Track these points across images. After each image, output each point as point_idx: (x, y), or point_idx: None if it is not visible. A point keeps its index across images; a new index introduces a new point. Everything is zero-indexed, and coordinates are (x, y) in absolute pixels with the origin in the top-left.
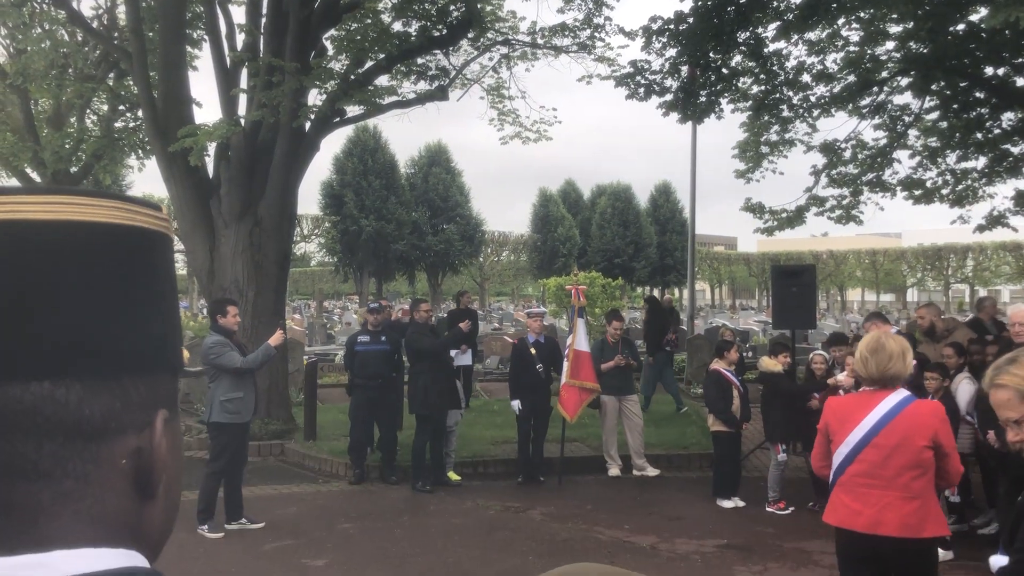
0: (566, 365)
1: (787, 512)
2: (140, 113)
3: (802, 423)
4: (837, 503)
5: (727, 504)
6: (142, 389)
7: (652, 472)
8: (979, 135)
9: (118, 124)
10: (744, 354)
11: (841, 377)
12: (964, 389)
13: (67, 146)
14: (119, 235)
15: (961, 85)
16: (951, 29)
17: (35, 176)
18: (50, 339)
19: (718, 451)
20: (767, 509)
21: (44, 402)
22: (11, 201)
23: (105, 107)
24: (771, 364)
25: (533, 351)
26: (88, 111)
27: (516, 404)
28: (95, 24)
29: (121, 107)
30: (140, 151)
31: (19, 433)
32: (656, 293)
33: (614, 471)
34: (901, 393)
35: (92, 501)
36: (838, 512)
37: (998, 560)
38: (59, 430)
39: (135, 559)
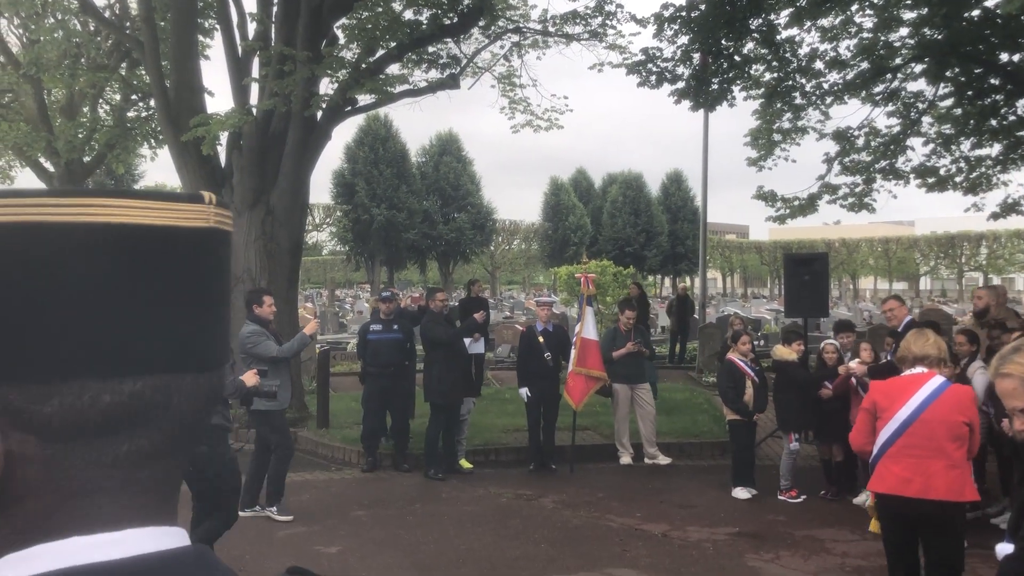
0: (573, 353)
1: (799, 500)
2: (152, 102)
3: (815, 412)
4: (885, 473)
5: (742, 494)
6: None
7: (664, 460)
8: (994, 122)
9: (131, 113)
10: (756, 343)
11: (853, 364)
12: (979, 379)
13: (80, 135)
14: (221, 239)
15: (976, 71)
16: (966, 15)
17: (48, 166)
18: (223, 332)
19: (734, 440)
20: (779, 497)
21: (220, 383)
22: (169, 207)
23: (118, 96)
24: (784, 352)
25: (541, 339)
26: (101, 100)
27: (524, 391)
28: (107, 13)
29: (133, 96)
30: (153, 140)
31: (212, 409)
32: (668, 282)
33: (626, 459)
34: (940, 377)
35: (162, 478)
36: (887, 481)
37: (1004, 548)
38: (216, 407)
39: (185, 538)
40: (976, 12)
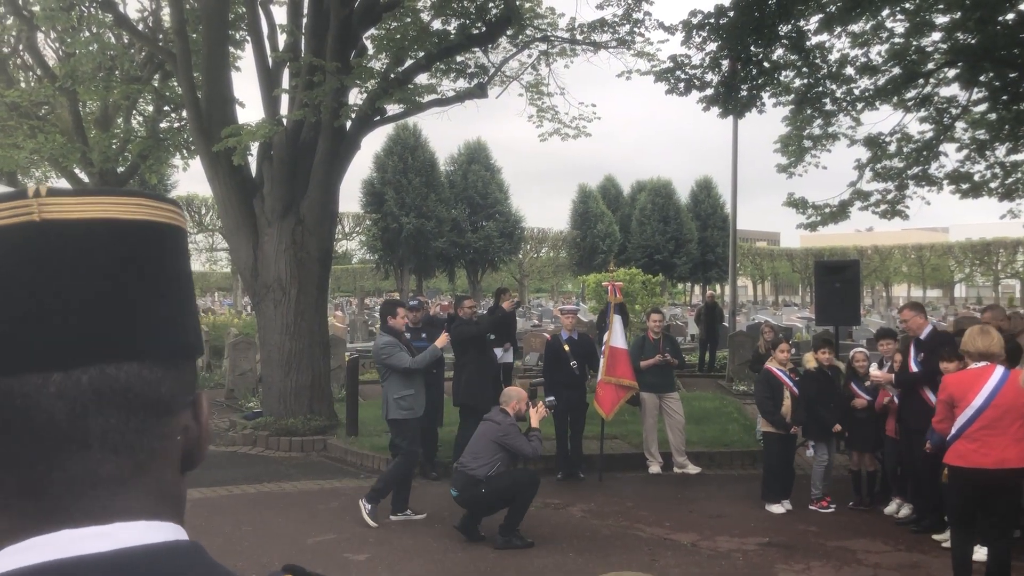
0: (602, 362)
1: (830, 510)
2: (184, 114)
3: (845, 421)
4: (964, 450)
5: (776, 509)
6: (189, 372)
7: (693, 470)
8: None
9: (163, 124)
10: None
11: (879, 373)
12: None
13: (114, 146)
14: (177, 235)
15: (1011, 76)
16: (1000, 19)
17: (83, 176)
18: (139, 325)
19: (767, 453)
20: (810, 507)
21: (135, 380)
22: (101, 201)
23: (150, 108)
24: (810, 360)
25: (567, 348)
26: (134, 112)
27: (551, 400)
28: (141, 26)
29: (166, 108)
30: (185, 151)
31: (113, 408)
32: (698, 290)
33: (655, 468)
34: (1001, 368)
35: (156, 475)
36: (967, 457)
37: None
38: (143, 406)
39: (180, 532)
40: (1010, 16)
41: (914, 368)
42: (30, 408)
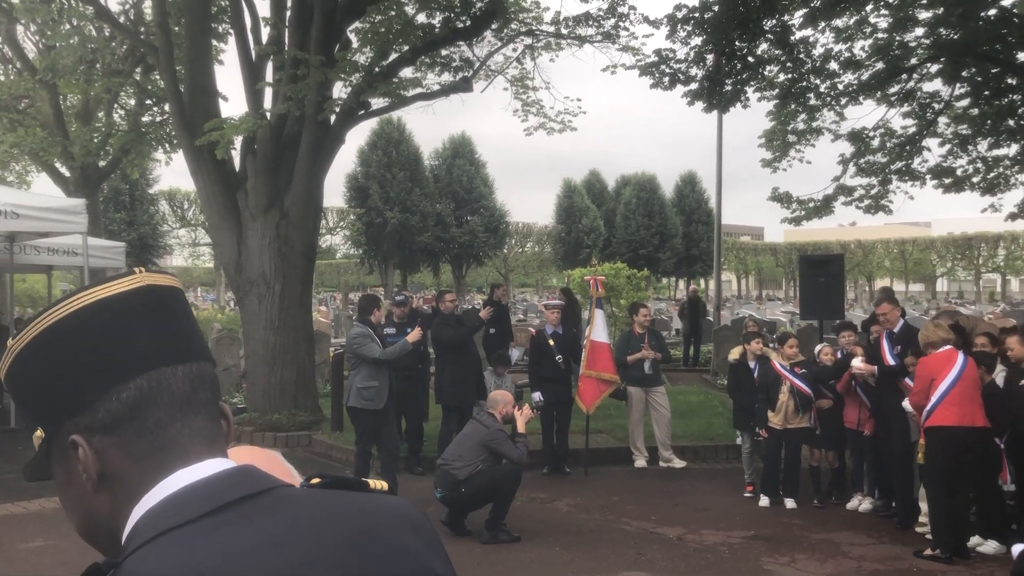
0: (583, 356)
1: (751, 495)
2: (167, 107)
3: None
4: (947, 413)
5: (764, 502)
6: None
7: (679, 463)
8: (1011, 122)
9: (145, 118)
10: (770, 345)
11: (863, 366)
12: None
13: (95, 140)
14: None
15: (993, 71)
16: (982, 14)
17: (64, 170)
18: (204, 342)
19: (767, 447)
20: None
21: (210, 371)
22: (167, 276)
23: (132, 101)
24: (733, 354)
25: (552, 342)
26: (116, 105)
27: (537, 396)
28: (122, 19)
29: (148, 101)
30: (167, 145)
31: (207, 388)
32: (683, 284)
33: (640, 462)
34: (960, 352)
35: (220, 436)
36: (949, 418)
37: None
38: (214, 389)
39: (231, 463)
40: (992, 11)
41: (890, 361)
42: (172, 386)
